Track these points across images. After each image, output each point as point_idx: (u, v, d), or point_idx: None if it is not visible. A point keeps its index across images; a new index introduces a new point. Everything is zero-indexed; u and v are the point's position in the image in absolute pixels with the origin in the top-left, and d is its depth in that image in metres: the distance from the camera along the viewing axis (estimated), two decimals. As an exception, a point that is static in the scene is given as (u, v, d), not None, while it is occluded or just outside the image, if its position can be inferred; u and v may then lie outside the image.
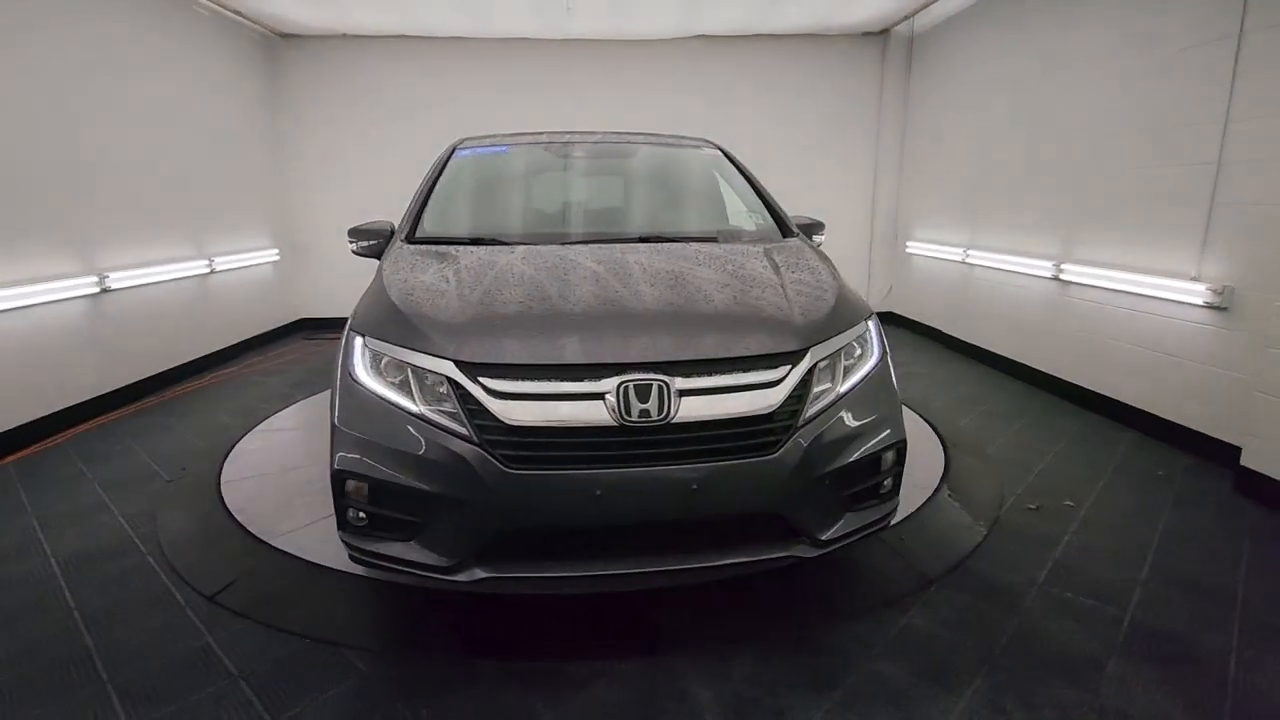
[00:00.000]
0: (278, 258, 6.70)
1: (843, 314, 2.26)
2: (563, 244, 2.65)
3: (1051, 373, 4.89)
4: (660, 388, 1.91)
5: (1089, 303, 4.50)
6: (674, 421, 1.91)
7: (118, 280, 4.53)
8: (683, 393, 1.94)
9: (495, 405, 1.89)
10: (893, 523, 2.82)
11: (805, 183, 7.34)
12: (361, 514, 2.03)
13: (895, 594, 2.45)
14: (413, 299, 2.19)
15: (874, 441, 2.14)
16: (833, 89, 7.19)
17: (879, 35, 7.03)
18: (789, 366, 2.03)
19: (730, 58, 7.03)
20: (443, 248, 2.63)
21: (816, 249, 2.85)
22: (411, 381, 1.99)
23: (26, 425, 3.89)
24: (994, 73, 5.57)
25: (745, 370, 1.99)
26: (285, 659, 2.13)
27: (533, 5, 5.63)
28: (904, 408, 4.31)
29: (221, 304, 5.82)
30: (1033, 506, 3.14)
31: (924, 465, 3.49)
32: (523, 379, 1.91)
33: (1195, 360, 3.71)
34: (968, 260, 5.95)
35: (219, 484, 3.30)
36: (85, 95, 4.36)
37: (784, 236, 2.98)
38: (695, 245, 2.66)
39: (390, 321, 2.12)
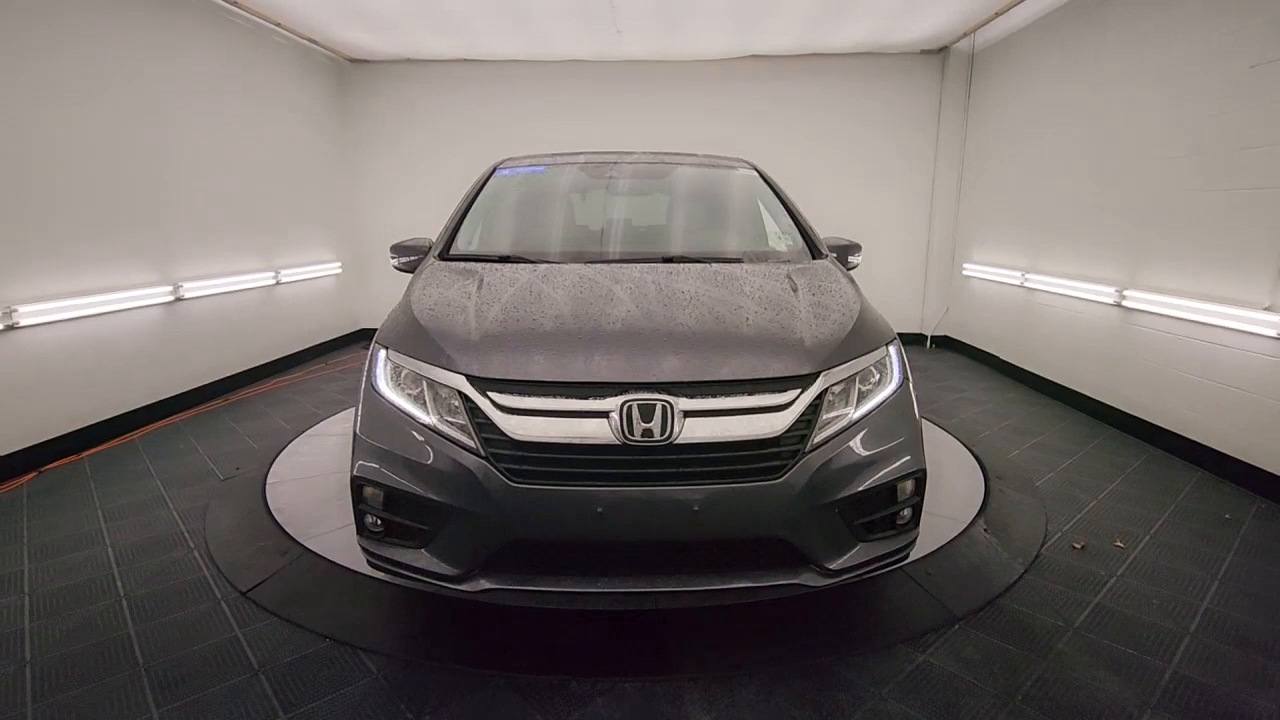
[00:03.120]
0: (340, 270, 7.03)
1: (861, 338, 2.22)
2: (587, 263, 2.69)
3: (1114, 404, 4.63)
4: (664, 408, 1.91)
5: (1154, 331, 4.25)
6: (677, 442, 1.91)
7: (190, 290, 4.85)
8: (688, 414, 1.94)
9: (502, 420, 1.94)
10: (920, 555, 2.79)
11: (858, 204, 7.23)
12: (378, 520, 2.11)
13: (916, 630, 2.36)
14: (434, 314, 2.27)
15: (889, 470, 2.08)
16: (889, 108, 7.07)
17: (938, 53, 6.88)
18: (799, 390, 2.01)
19: (783, 77, 7.01)
20: (471, 265, 2.72)
21: (844, 271, 2.80)
22: (426, 394, 2.06)
23: (104, 422, 4.20)
24: (1057, 91, 5.36)
25: (752, 393, 1.98)
26: (305, 657, 2.21)
27: (585, 28, 5.77)
28: (950, 437, 4.26)
29: (286, 313, 6.14)
30: (1078, 545, 2.98)
31: (961, 497, 3.36)
32: (529, 395, 1.96)
33: (1269, 396, 3.45)
34: (1026, 284, 5.71)
35: (265, 485, 3.47)
36: (172, 120, 4.71)
37: (814, 258, 2.94)
38: (718, 266, 2.66)
39: (411, 336, 2.20)
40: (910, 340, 7.52)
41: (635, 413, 1.91)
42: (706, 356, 2.03)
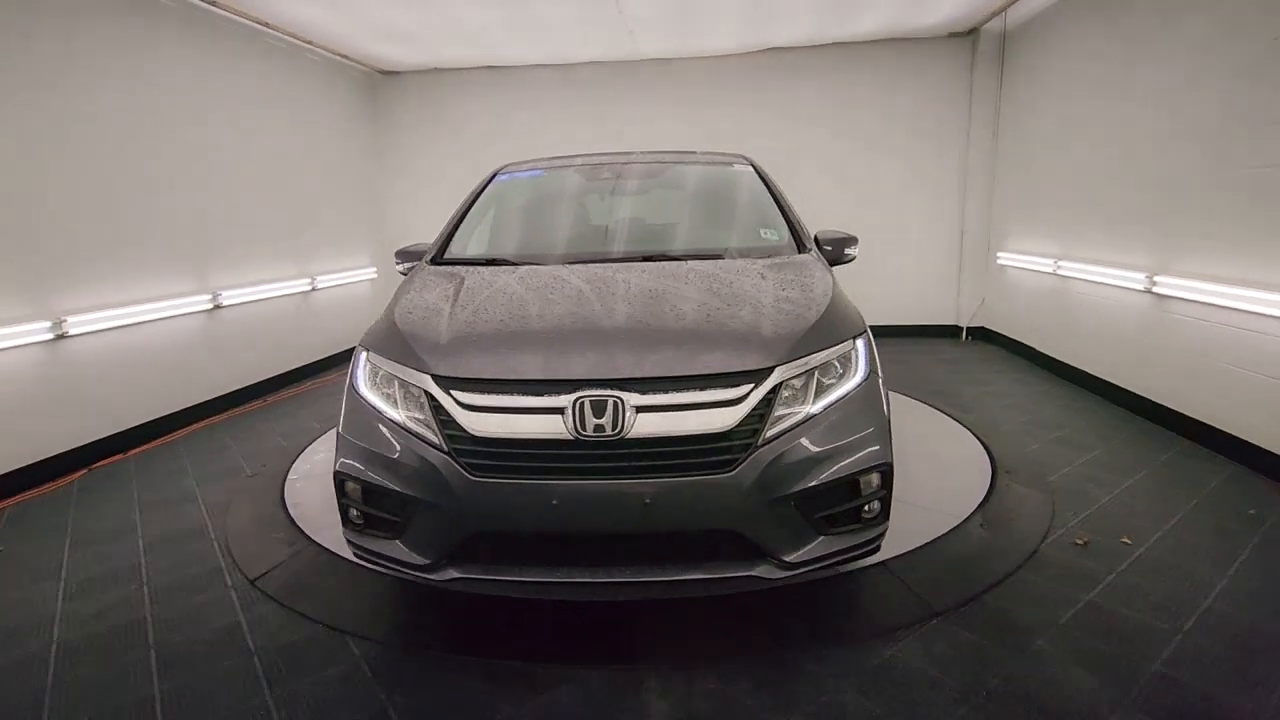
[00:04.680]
0: (375, 275, 7.31)
1: (825, 332, 2.22)
2: (569, 264, 2.77)
3: (1147, 396, 4.43)
4: (615, 404, 1.97)
5: (1186, 319, 4.05)
6: (628, 437, 1.96)
7: (229, 298, 5.15)
8: (640, 409, 1.99)
9: (463, 417, 2.03)
10: (906, 550, 2.76)
11: (888, 195, 7.09)
12: (358, 513, 2.23)
13: (890, 624, 2.34)
14: (410, 318, 2.38)
15: (849, 463, 2.08)
16: (917, 95, 6.90)
17: (967, 35, 6.68)
18: (751, 385, 2.03)
19: (804, 69, 6.93)
20: (458, 269, 2.82)
21: (824, 265, 2.78)
22: (398, 394, 2.17)
23: (149, 423, 4.51)
24: (1093, 68, 5.13)
25: (704, 388, 2.01)
26: (297, 641, 2.36)
27: (596, 32, 5.84)
28: (964, 430, 4.15)
29: (322, 318, 6.44)
30: (1080, 541, 2.88)
31: (962, 491, 3.29)
32: (488, 393, 2.04)
33: (1301, 385, 3.25)
34: (1059, 272, 5.50)
35: (284, 481, 3.67)
36: (211, 137, 5.01)
37: (800, 252, 2.94)
38: (695, 263, 2.69)
39: (388, 338, 2.32)
40: (946, 333, 7.33)
41: (588, 409, 1.97)
42: (662, 353, 2.07)
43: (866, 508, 2.19)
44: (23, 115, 3.71)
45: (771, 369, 2.05)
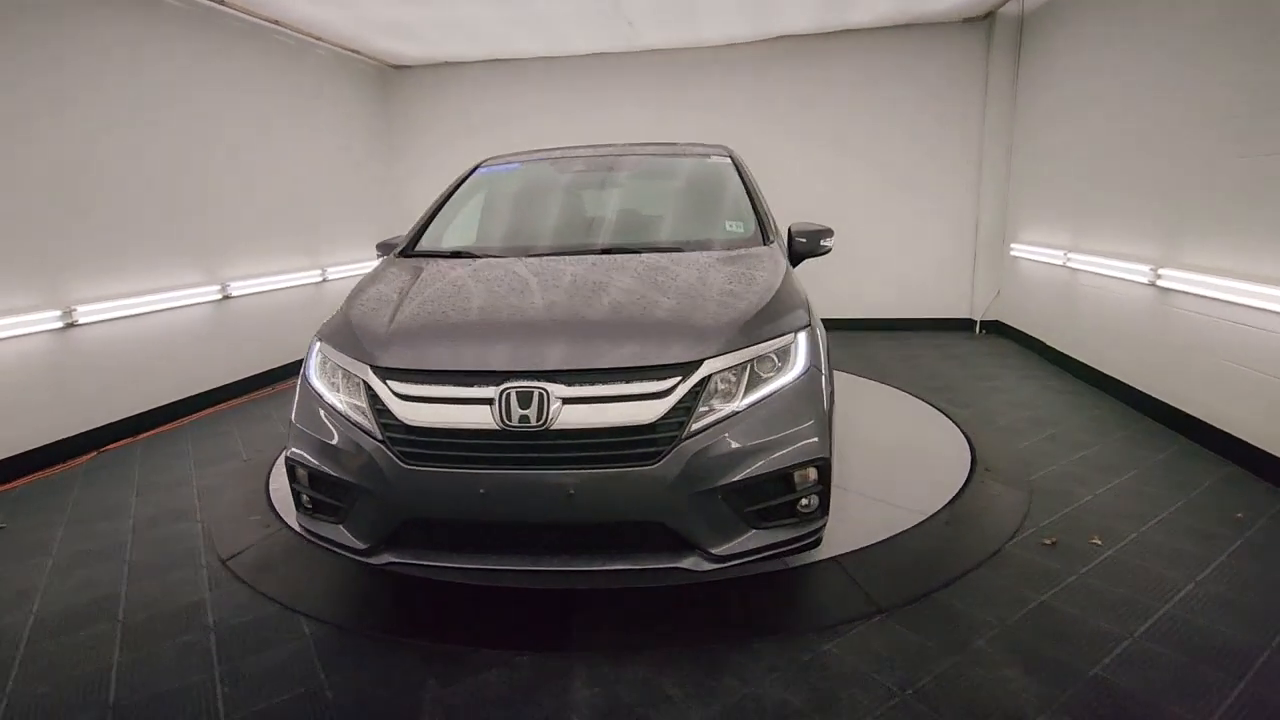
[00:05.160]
0: (388, 267, 7.47)
1: (762, 325, 2.21)
2: (528, 256, 2.80)
3: (1150, 393, 4.27)
4: (540, 395, 1.99)
5: (1189, 313, 3.90)
6: (552, 428, 1.99)
7: (238, 289, 5.32)
8: (567, 400, 2.01)
9: (397, 406, 2.08)
10: (861, 545, 2.73)
11: (899, 184, 6.95)
12: (307, 498, 2.31)
13: (831, 620, 2.33)
14: (362, 309, 2.44)
15: (780, 457, 2.07)
16: (930, 83, 6.73)
17: (982, 20, 6.48)
18: (678, 378, 2.03)
19: (813, 58, 6.82)
20: (420, 261, 2.88)
21: (782, 257, 2.76)
22: (342, 384, 2.23)
23: (160, 408, 4.70)
24: (1110, 53, 4.94)
25: (630, 381, 2.02)
26: (253, 619, 2.45)
27: (595, 24, 5.84)
28: (951, 425, 4.06)
29: (333, 309, 6.58)
30: (1047, 541, 2.82)
31: (932, 488, 3.23)
32: (421, 383, 2.09)
33: (1298, 383, 3.11)
34: (1068, 264, 5.33)
35: (271, 466, 3.80)
36: (221, 130, 5.18)
37: (764, 244, 2.91)
38: (649, 256, 2.69)
39: (338, 329, 2.39)
40: (959, 326, 7.16)
41: (514, 400, 2.00)
42: (591, 345, 2.09)
43: (803, 502, 2.18)
44: (36, 113, 3.89)
45: (699, 362, 2.05)
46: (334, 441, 2.16)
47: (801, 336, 2.27)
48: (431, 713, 1.97)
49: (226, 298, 5.24)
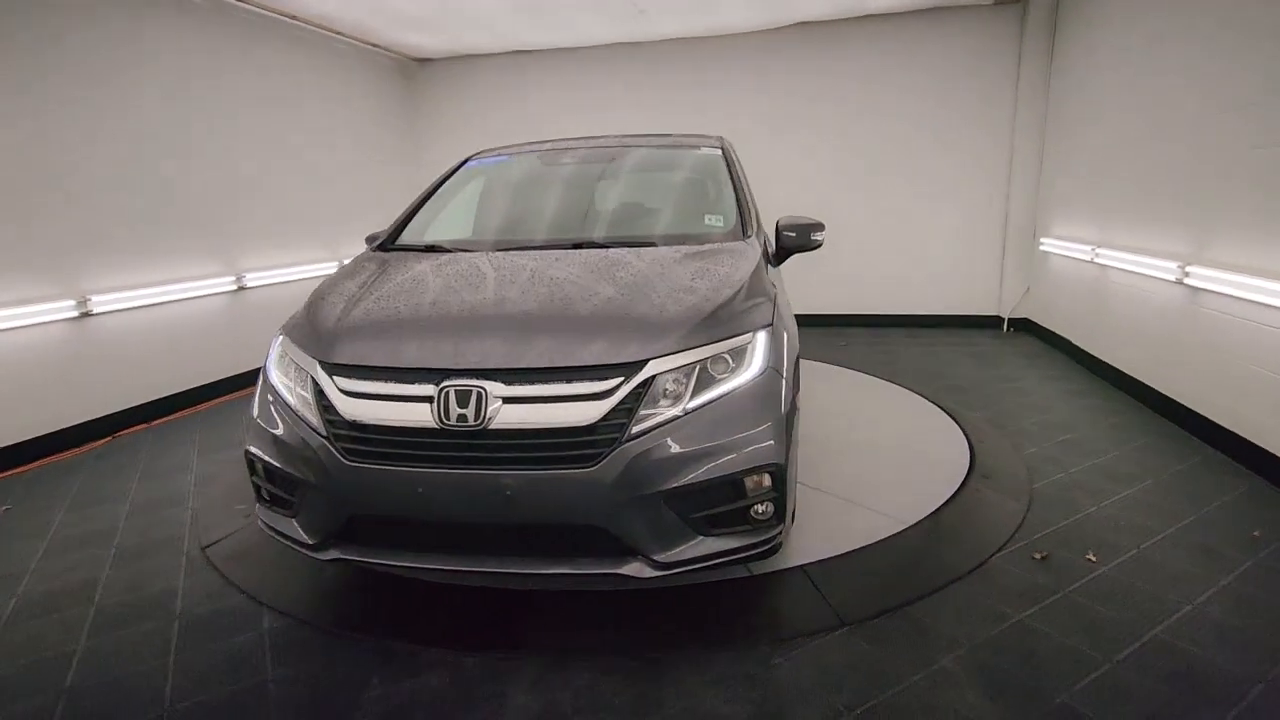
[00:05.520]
0: (407, 259, 7.56)
1: (717, 324, 2.12)
2: (498, 251, 2.76)
3: (1177, 398, 4.02)
4: (478, 394, 1.95)
5: (1218, 314, 3.64)
6: (490, 428, 1.95)
7: (254, 280, 5.44)
8: (507, 400, 1.97)
9: (340, 402, 2.07)
10: (831, 555, 2.64)
11: (925, 176, 6.70)
12: (264, 491, 2.32)
13: (789, 632, 2.24)
14: (321, 303, 2.44)
15: (728, 461, 1.99)
16: (959, 70, 6.45)
17: (1015, 3, 6.18)
18: (621, 379, 1.97)
19: (835, 45, 6.61)
20: (391, 255, 2.87)
21: (757, 254, 2.65)
22: (294, 378, 2.23)
23: (176, 395, 4.84)
24: (1145, 37, 4.65)
25: (570, 380, 1.97)
26: (217, 609, 2.49)
27: (604, 12, 5.76)
28: (955, 428, 3.89)
29: (352, 300, 6.70)
30: (1038, 556, 2.66)
31: (920, 495, 3.10)
32: (364, 379, 2.07)
33: (1328, 392, 2.87)
34: (1096, 259, 5.05)
35: (267, 455, 3.87)
36: (238, 123, 5.29)
37: (742, 239, 2.81)
38: (616, 251, 2.63)
39: (298, 323, 2.39)
40: (987, 324, 6.88)
41: (452, 398, 1.97)
42: (534, 344, 2.04)
43: (758, 509, 2.09)
44: (55, 110, 4.02)
45: (644, 363, 1.98)
46: (285, 436, 2.17)
47: (761, 336, 2.17)
48: (366, 712, 1.96)
49: (242, 289, 5.36)
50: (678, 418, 1.98)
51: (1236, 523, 2.88)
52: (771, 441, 2.06)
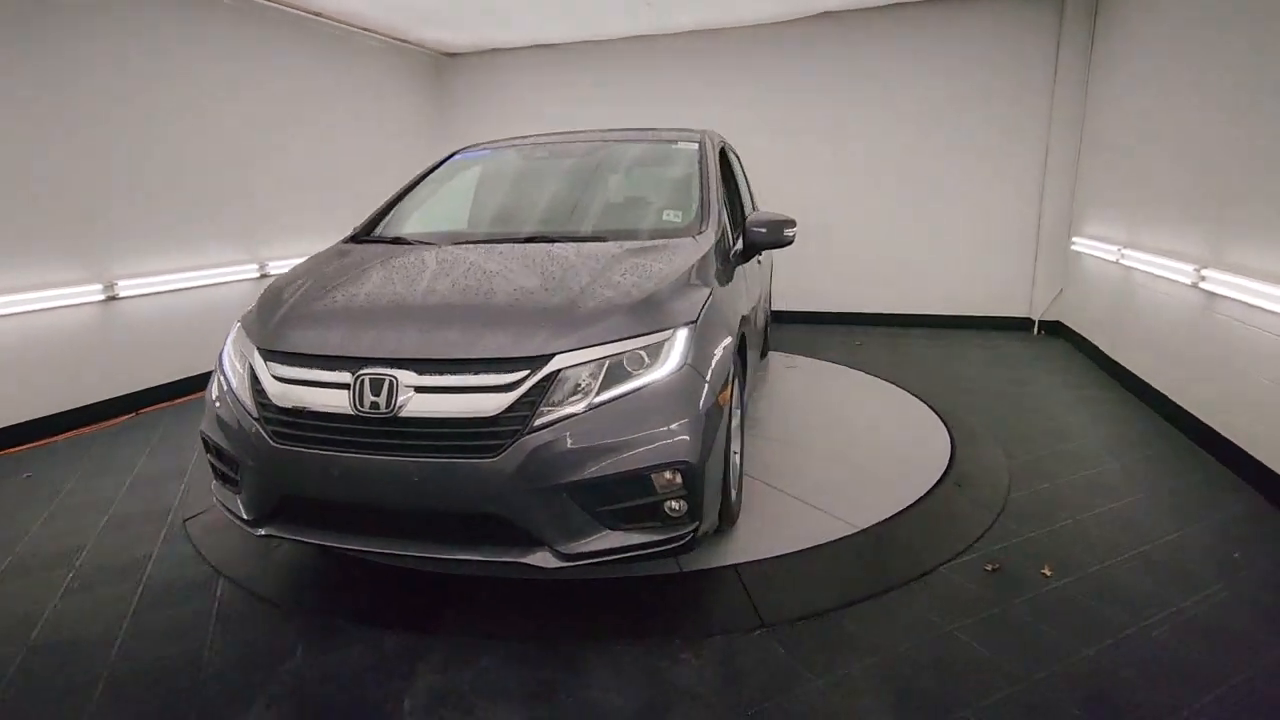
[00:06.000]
0: (433, 250, 7.77)
1: (633, 320, 2.13)
2: (454, 244, 2.83)
3: (1190, 409, 3.79)
4: (390, 383, 2.02)
5: (1233, 322, 3.41)
6: (400, 415, 2.01)
7: (277, 268, 5.70)
8: (419, 389, 2.03)
9: (270, 387, 2.18)
10: (770, 555, 2.61)
11: (956, 171, 6.45)
12: (216, 469, 2.46)
13: (705, 630, 2.23)
14: (273, 292, 2.56)
15: (633, 457, 2.00)
16: (993, 61, 6.18)
17: (1052, -11, 5.88)
18: (526, 372, 2.00)
19: (858, 36, 6.44)
20: (356, 247, 2.97)
21: (705, 250, 2.63)
22: (239, 363, 2.36)
23: (197, 376, 5.13)
24: (1189, 23, 4.37)
25: (478, 372, 2.01)
26: (183, 578, 2.65)
27: (622, 8, 5.76)
28: (943, 434, 3.75)
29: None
30: (989, 567, 2.57)
31: (881, 498, 3.02)
32: (292, 365, 2.17)
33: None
34: (1121, 261, 4.79)
35: (264, 435, 4.07)
36: (262, 117, 5.55)
37: (696, 235, 2.80)
38: (561, 246, 2.66)
39: (251, 311, 2.51)
40: (1017, 326, 6.60)
41: (367, 386, 2.04)
42: (447, 335, 2.09)
43: (671, 505, 2.10)
44: (91, 107, 4.31)
45: (549, 357, 2.01)
46: (228, 418, 2.29)
47: (681, 333, 2.17)
48: (282, 681, 2.06)
49: (265, 276, 5.62)
50: (582, 412, 2.00)
51: (1222, 543, 2.71)
52: (684, 438, 2.06)
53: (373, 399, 2.03)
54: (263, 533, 2.26)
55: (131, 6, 4.56)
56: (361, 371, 2.06)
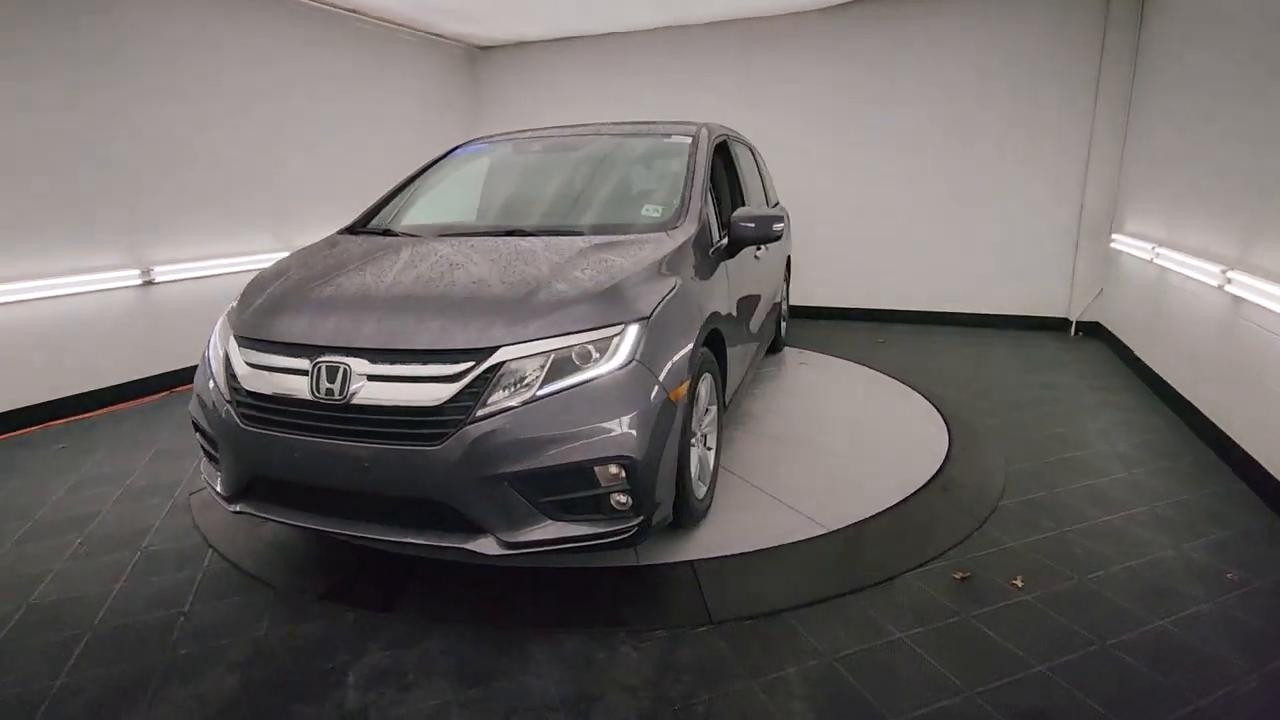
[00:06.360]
0: (463, 240, 7.94)
1: (583, 314, 2.15)
2: (434, 237, 2.90)
3: (1216, 420, 3.58)
4: (344, 370, 2.10)
5: (1256, 328, 3.20)
6: (352, 402, 2.09)
7: (307, 256, 5.94)
8: (371, 377, 2.10)
9: (241, 371, 2.29)
10: (727, 553, 2.60)
11: (992, 162, 6.20)
12: (202, 447, 2.61)
13: (652, 623, 2.25)
14: (259, 280, 2.68)
15: (576, 449, 2.03)
16: (1033, 44, 5.91)
17: (1098, -31, 5.57)
18: (471, 363, 2.05)
19: (890, 23, 6.25)
20: (347, 238, 3.08)
21: (678, 244, 2.63)
22: (220, 347, 2.48)
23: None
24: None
25: (426, 362, 2.07)
26: (176, 547, 2.82)
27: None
28: (942, 437, 3.65)
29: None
30: (958, 575, 2.50)
31: (860, 500, 2.96)
32: (260, 351, 2.28)
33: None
34: (1156, 260, 4.53)
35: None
36: (290, 110, 5.77)
37: (672, 230, 2.79)
38: (532, 240, 2.71)
39: (238, 299, 2.64)
40: (1053, 326, 6.33)
41: (323, 373, 2.13)
42: (399, 326, 2.16)
43: (618, 499, 2.12)
44: (133, 99, 4.58)
45: (494, 349, 2.05)
46: (208, 400, 2.42)
47: (632, 329, 2.18)
48: (243, 649, 2.18)
49: (296, 264, 5.86)
50: (525, 404, 2.04)
51: (1218, 561, 2.56)
52: (630, 433, 2.08)
53: (328, 385, 2.11)
54: (236, 509, 2.38)
55: (173, 5, 4.81)
56: (319, 359, 2.14)
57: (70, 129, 4.30)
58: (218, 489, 2.47)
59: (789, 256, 5.43)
